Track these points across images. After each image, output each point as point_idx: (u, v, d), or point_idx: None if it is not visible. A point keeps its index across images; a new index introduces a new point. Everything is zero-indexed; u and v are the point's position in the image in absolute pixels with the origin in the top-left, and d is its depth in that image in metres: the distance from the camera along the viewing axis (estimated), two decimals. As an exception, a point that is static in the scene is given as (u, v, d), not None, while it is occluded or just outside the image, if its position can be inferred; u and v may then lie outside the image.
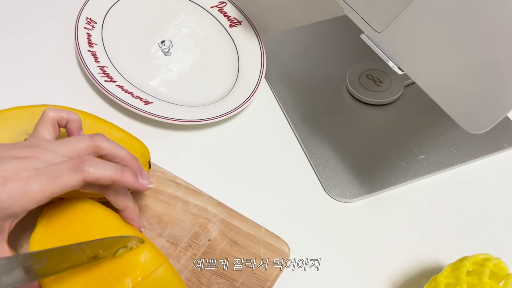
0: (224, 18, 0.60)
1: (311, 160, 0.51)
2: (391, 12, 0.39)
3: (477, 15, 0.33)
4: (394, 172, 0.51)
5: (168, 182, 0.46)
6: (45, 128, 0.38)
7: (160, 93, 0.54)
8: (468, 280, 0.36)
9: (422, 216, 0.49)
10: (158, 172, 0.47)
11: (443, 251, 0.46)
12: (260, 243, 0.43)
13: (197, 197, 0.46)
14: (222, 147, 0.52)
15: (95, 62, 0.53)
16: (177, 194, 0.46)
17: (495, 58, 0.33)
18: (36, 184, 0.33)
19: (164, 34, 0.59)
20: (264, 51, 0.57)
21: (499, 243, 0.47)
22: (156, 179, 0.46)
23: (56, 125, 0.38)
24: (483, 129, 0.35)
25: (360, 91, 0.55)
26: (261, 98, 0.56)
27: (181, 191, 0.46)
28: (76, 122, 0.39)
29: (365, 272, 0.45)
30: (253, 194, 0.48)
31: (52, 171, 0.33)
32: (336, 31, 0.62)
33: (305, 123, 0.54)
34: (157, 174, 0.47)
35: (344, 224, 0.47)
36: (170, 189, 0.46)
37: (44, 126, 0.38)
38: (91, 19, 0.56)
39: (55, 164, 0.34)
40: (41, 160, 0.34)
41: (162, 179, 0.46)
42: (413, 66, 0.39)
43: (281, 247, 0.43)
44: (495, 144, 0.54)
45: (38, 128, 0.38)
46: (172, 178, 0.47)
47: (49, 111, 0.38)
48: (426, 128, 0.54)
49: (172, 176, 0.47)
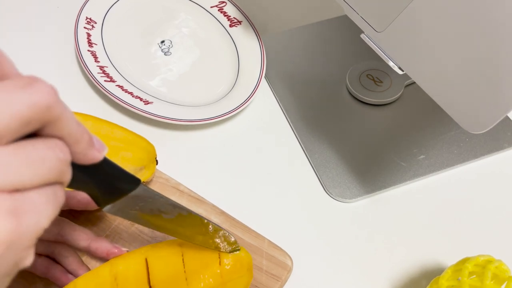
0: (224, 18, 0.60)
1: (311, 160, 0.51)
2: (391, 12, 0.39)
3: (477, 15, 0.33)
4: (394, 172, 0.51)
5: (172, 189, 0.46)
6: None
7: (160, 93, 0.54)
8: (470, 283, 0.36)
9: (422, 216, 0.48)
10: (162, 179, 0.46)
11: (444, 252, 0.46)
12: (262, 255, 0.43)
13: (200, 206, 0.45)
14: (222, 147, 0.52)
15: (95, 62, 0.53)
16: (180, 201, 0.45)
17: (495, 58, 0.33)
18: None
19: (164, 34, 0.59)
20: (264, 51, 0.57)
21: (500, 244, 0.47)
22: (160, 185, 0.46)
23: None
24: (483, 129, 0.35)
25: (360, 91, 0.55)
26: (261, 98, 0.56)
27: (184, 199, 0.46)
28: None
29: (365, 273, 0.45)
30: (252, 194, 0.48)
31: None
32: (336, 31, 0.62)
33: (305, 123, 0.54)
34: (160, 181, 0.46)
35: (344, 224, 0.47)
36: (173, 196, 0.45)
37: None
38: (91, 19, 0.56)
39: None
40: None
41: (166, 186, 0.46)
42: (413, 66, 0.39)
43: (284, 260, 0.43)
44: (495, 144, 0.54)
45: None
46: (175, 185, 0.46)
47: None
48: (426, 128, 0.54)
49: (176, 183, 0.46)
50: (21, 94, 0.20)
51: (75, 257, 0.39)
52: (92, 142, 0.25)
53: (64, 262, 0.39)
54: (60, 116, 0.22)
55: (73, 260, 0.39)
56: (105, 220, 0.43)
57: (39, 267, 0.38)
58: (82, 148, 0.24)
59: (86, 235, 0.39)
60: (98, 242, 0.39)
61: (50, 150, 0.22)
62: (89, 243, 0.38)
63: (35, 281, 0.39)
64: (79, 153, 0.24)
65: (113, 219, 0.43)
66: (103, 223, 0.43)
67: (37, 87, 0.21)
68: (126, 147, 0.43)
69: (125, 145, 0.43)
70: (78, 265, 0.39)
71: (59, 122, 0.22)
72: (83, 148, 0.24)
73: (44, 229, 0.22)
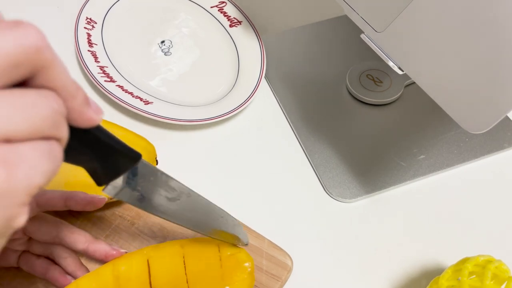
0: (224, 18, 0.60)
1: (311, 160, 0.51)
2: (391, 12, 0.39)
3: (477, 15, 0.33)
4: (394, 172, 0.51)
5: None
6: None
7: (160, 93, 0.54)
8: (470, 283, 0.36)
9: (422, 216, 0.48)
10: None
11: (444, 252, 0.46)
12: (262, 255, 0.43)
13: None
14: (222, 147, 0.52)
15: (95, 62, 0.53)
16: None
17: (495, 58, 0.33)
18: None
19: (164, 34, 0.59)
20: (264, 51, 0.57)
21: (500, 244, 0.47)
22: None
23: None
24: (483, 129, 0.35)
25: (360, 91, 0.55)
26: (261, 98, 0.56)
27: None
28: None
29: (365, 272, 0.45)
30: (252, 194, 0.48)
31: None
32: (336, 31, 0.62)
33: (305, 123, 0.54)
34: None
35: (344, 224, 0.47)
36: None
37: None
38: (91, 19, 0.56)
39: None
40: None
41: None
42: (413, 66, 0.39)
43: (284, 260, 0.43)
44: (495, 144, 0.54)
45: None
46: None
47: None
48: (426, 128, 0.54)
49: None
50: (7, 35, 0.19)
51: (74, 258, 0.39)
52: (88, 101, 0.23)
53: (63, 263, 0.39)
54: (52, 62, 0.21)
55: (72, 261, 0.39)
56: (105, 220, 0.43)
57: (38, 268, 0.38)
58: (77, 104, 0.22)
59: (84, 237, 0.38)
60: (96, 244, 0.38)
61: (43, 98, 0.20)
62: (87, 245, 0.38)
63: (35, 281, 0.39)
64: (74, 111, 0.22)
65: (113, 219, 0.43)
66: (102, 223, 0.43)
67: (24, 27, 0.19)
68: (126, 147, 0.43)
69: (125, 145, 0.43)
70: (77, 266, 0.39)
71: (50, 70, 0.21)
72: (78, 105, 0.22)
73: (39, 187, 0.20)
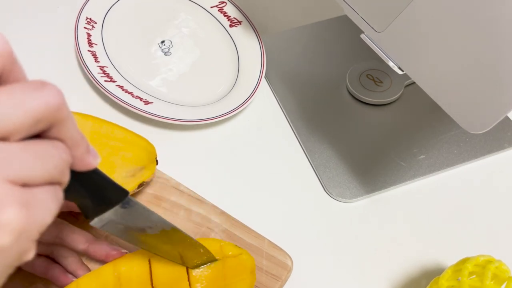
0: (224, 18, 0.60)
1: (311, 160, 0.51)
2: (391, 12, 0.39)
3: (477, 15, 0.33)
4: (394, 172, 0.51)
5: (172, 189, 0.46)
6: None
7: (160, 93, 0.54)
8: (470, 283, 0.36)
9: (422, 216, 0.48)
10: (162, 178, 0.46)
11: (444, 252, 0.46)
12: (262, 255, 0.43)
13: (200, 206, 0.45)
14: (222, 147, 0.52)
15: (95, 62, 0.53)
16: (180, 202, 0.45)
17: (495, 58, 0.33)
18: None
19: (164, 34, 0.59)
20: (264, 51, 0.57)
21: (500, 244, 0.47)
22: (160, 186, 0.46)
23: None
24: (483, 129, 0.35)
25: (360, 91, 0.55)
26: (261, 98, 0.56)
27: (184, 199, 0.45)
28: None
29: (365, 273, 0.45)
30: (252, 194, 0.48)
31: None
32: (336, 31, 0.62)
33: (305, 123, 0.54)
34: (160, 181, 0.46)
35: (344, 224, 0.47)
36: (173, 196, 0.45)
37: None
38: (91, 19, 0.56)
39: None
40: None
41: (166, 186, 0.46)
42: (413, 66, 0.39)
43: (284, 260, 0.43)
44: (495, 144, 0.54)
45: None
46: (175, 185, 0.46)
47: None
48: (426, 128, 0.54)
49: (176, 183, 0.46)
50: (34, 94, 0.22)
51: (75, 257, 0.39)
52: (89, 148, 0.26)
53: (63, 263, 0.39)
54: (66, 118, 0.23)
55: (73, 260, 0.39)
56: (105, 220, 0.43)
57: (39, 267, 0.38)
58: (80, 152, 0.25)
59: (84, 237, 0.39)
60: (96, 244, 0.39)
61: (55, 149, 0.23)
62: (88, 245, 0.38)
63: (35, 281, 0.39)
64: (77, 158, 0.25)
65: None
66: (103, 223, 0.43)
67: (48, 88, 0.23)
68: (126, 147, 0.43)
69: (125, 145, 0.43)
70: (78, 265, 0.39)
71: (64, 124, 0.23)
72: (81, 153, 0.25)
73: (47, 226, 0.23)
